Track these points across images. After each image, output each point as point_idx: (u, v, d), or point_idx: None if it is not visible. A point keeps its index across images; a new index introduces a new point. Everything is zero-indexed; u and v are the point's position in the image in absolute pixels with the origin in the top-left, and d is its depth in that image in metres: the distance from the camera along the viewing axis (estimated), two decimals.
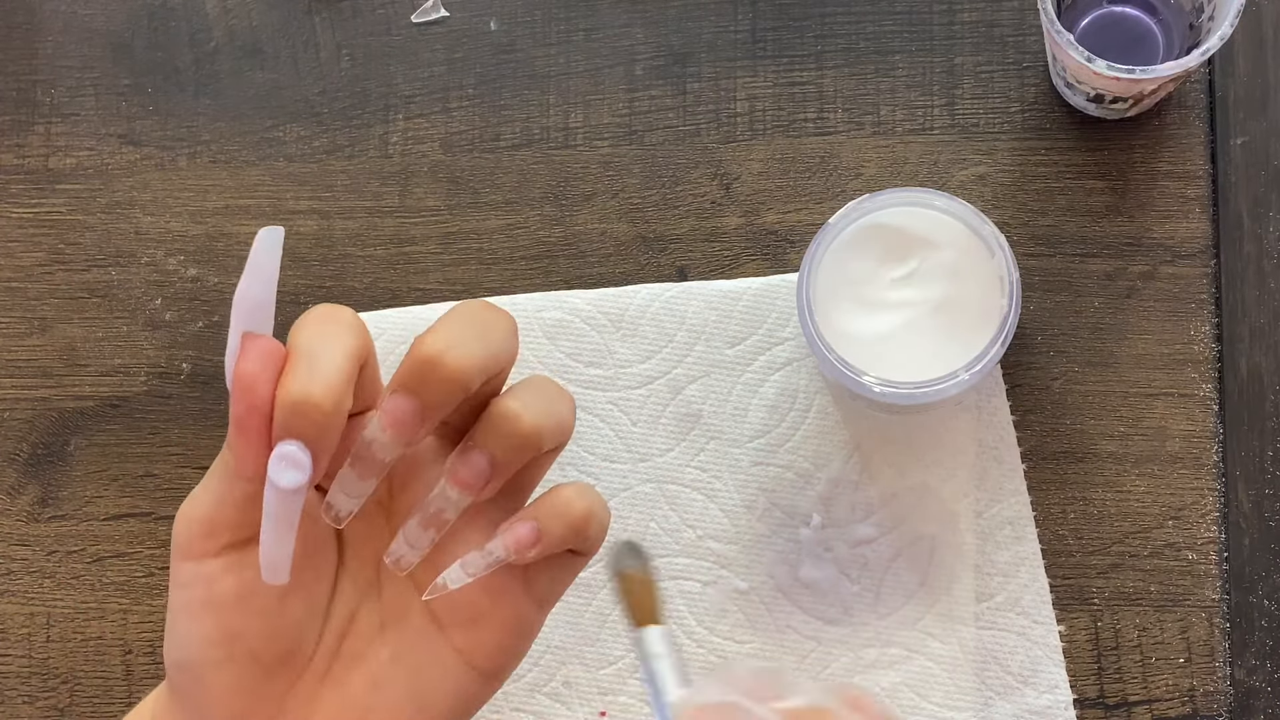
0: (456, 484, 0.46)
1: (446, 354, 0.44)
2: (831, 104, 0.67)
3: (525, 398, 0.47)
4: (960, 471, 0.64)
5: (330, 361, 0.43)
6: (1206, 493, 0.63)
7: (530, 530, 0.47)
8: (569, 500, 0.47)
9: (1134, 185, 0.65)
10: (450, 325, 0.45)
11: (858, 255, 0.59)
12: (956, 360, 0.57)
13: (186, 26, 0.70)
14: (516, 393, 0.47)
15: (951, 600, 0.63)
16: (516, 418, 0.46)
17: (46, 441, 0.69)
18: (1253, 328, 0.63)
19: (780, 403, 0.65)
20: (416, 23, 0.69)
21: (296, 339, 0.44)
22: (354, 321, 0.45)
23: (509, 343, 0.47)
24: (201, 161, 0.70)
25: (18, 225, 0.70)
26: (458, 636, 0.49)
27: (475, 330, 0.45)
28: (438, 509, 0.46)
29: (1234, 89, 0.64)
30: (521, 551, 0.47)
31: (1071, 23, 0.63)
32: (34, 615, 0.68)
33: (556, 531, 0.47)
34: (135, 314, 0.69)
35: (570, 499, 0.48)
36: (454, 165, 0.68)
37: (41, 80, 0.71)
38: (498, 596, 0.48)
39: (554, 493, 0.48)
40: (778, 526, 0.64)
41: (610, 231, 0.67)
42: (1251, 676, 0.62)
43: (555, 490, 0.48)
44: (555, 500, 0.48)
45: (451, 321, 0.45)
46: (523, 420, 0.46)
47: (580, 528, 0.48)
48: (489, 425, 0.46)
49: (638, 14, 0.68)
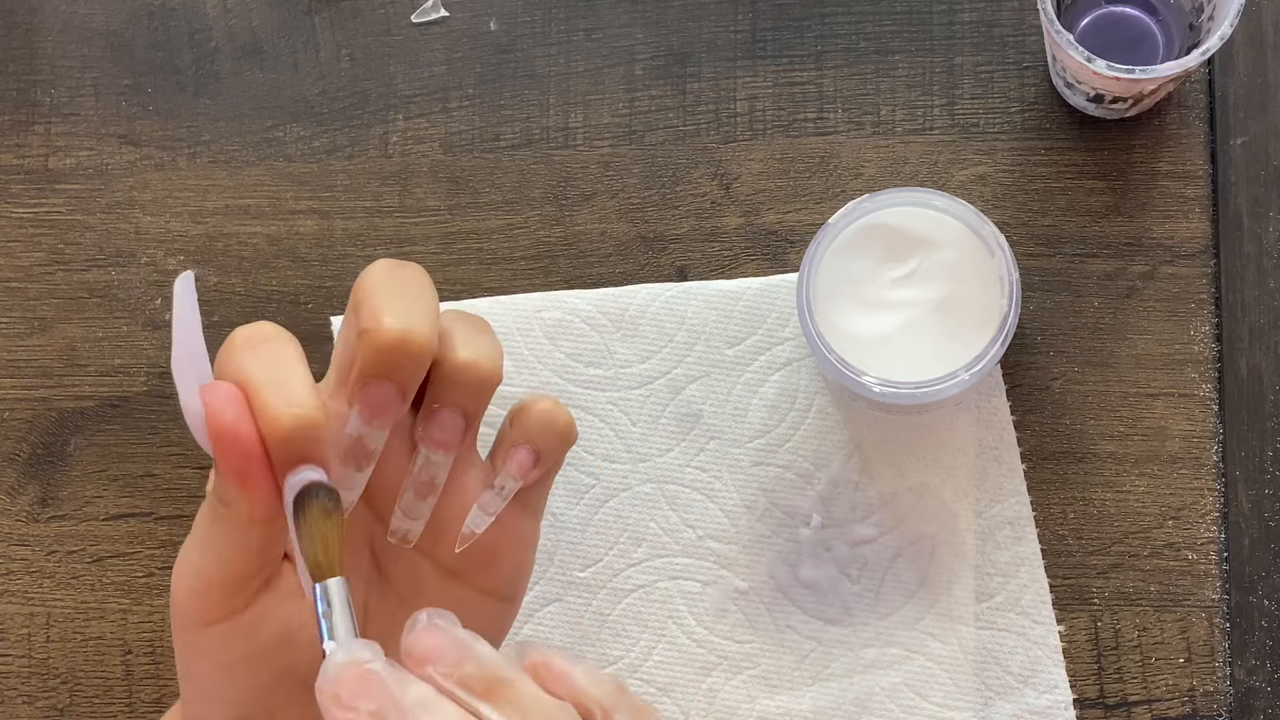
0: (438, 447, 0.47)
1: (409, 332, 0.44)
2: (831, 104, 0.67)
3: (472, 342, 0.47)
4: (960, 471, 0.64)
5: (293, 378, 0.43)
6: (1206, 493, 0.63)
7: (529, 453, 0.48)
8: (550, 413, 0.49)
9: (1134, 185, 0.65)
10: (389, 299, 0.44)
11: (858, 255, 0.59)
12: (956, 360, 0.57)
13: (186, 26, 0.70)
14: (461, 341, 0.47)
15: (951, 600, 0.63)
16: (476, 366, 0.46)
17: (46, 441, 0.69)
18: (1253, 328, 0.63)
19: (780, 403, 0.65)
20: (416, 23, 0.69)
21: (245, 370, 0.43)
22: (282, 331, 0.44)
23: (434, 290, 0.47)
24: (201, 161, 0.70)
25: (18, 225, 0.70)
26: (481, 580, 0.50)
27: (413, 295, 0.45)
28: (428, 476, 0.47)
29: (1234, 89, 0.64)
30: (528, 474, 0.49)
31: (1071, 23, 0.63)
32: (34, 615, 0.68)
33: (551, 445, 0.49)
34: (135, 314, 0.69)
35: (550, 412, 0.49)
36: (454, 165, 0.68)
37: (41, 80, 0.71)
38: (503, 528, 0.49)
39: (530, 411, 0.49)
40: (778, 526, 0.64)
41: (610, 231, 0.67)
42: (1251, 676, 0.62)
43: (528, 408, 0.49)
44: (537, 417, 0.49)
45: (386, 295, 0.45)
46: (482, 366, 0.47)
47: (569, 434, 0.49)
48: (453, 382, 0.46)
49: (638, 14, 0.68)
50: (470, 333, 0.47)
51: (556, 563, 0.65)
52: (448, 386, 0.47)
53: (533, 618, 0.65)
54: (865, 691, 0.63)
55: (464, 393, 0.47)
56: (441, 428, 0.47)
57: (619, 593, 0.65)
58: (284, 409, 0.42)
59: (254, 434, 0.42)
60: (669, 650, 0.65)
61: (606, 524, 0.65)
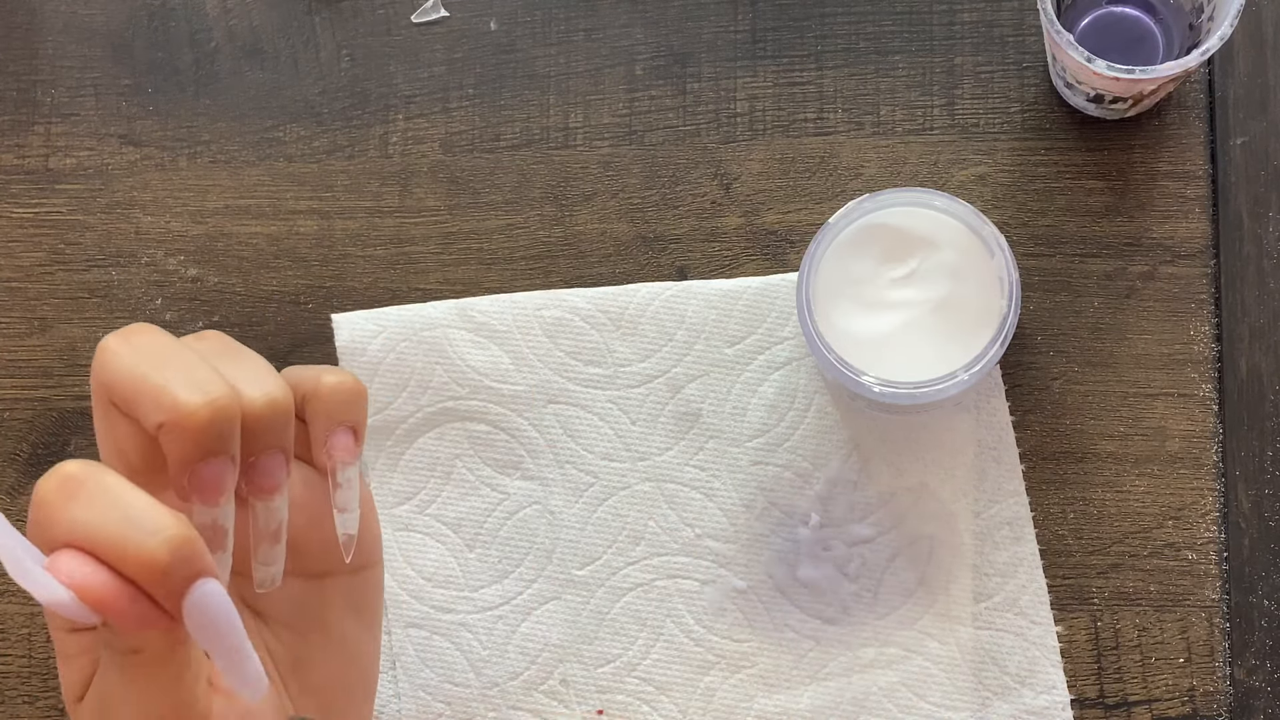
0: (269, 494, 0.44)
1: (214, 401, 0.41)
2: (831, 104, 0.67)
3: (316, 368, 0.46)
4: (959, 472, 0.64)
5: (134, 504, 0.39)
6: (1206, 493, 0.63)
7: (346, 433, 0.46)
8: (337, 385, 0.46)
9: (1134, 185, 0.65)
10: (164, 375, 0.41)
11: (858, 255, 0.59)
12: (956, 360, 0.57)
13: (186, 26, 0.70)
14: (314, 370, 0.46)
15: (949, 600, 0.63)
16: (344, 383, 0.46)
17: (46, 441, 0.69)
18: (1253, 328, 0.63)
19: (779, 402, 0.65)
20: (416, 23, 0.69)
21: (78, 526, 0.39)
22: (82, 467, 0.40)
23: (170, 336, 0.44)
24: (201, 161, 0.70)
25: (18, 225, 0.70)
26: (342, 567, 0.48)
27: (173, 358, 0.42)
28: (275, 524, 0.45)
29: (1234, 89, 0.64)
30: (356, 451, 0.47)
31: (1071, 23, 0.63)
32: (34, 615, 0.68)
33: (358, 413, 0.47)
34: (135, 314, 0.69)
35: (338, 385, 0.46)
36: (454, 165, 0.68)
37: (41, 80, 0.71)
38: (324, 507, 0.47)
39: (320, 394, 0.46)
40: (776, 526, 0.64)
41: (610, 231, 0.67)
42: (1251, 676, 0.62)
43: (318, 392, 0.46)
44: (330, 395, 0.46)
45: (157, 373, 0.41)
46: (347, 380, 0.46)
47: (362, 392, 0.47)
48: (332, 406, 0.46)
49: (638, 14, 0.68)
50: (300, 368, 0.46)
51: (555, 560, 0.65)
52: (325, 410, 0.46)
53: (530, 615, 0.65)
54: (863, 691, 0.63)
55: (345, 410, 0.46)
56: (265, 474, 0.44)
57: (617, 591, 0.65)
58: (152, 542, 0.38)
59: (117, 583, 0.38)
60: (667, 649, 0.65)
61: (605, 522, 0.65)
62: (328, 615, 0.49)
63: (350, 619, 0.50)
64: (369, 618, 0.51)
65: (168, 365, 0.42)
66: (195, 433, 0.41)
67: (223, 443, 0.41)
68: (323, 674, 0.49)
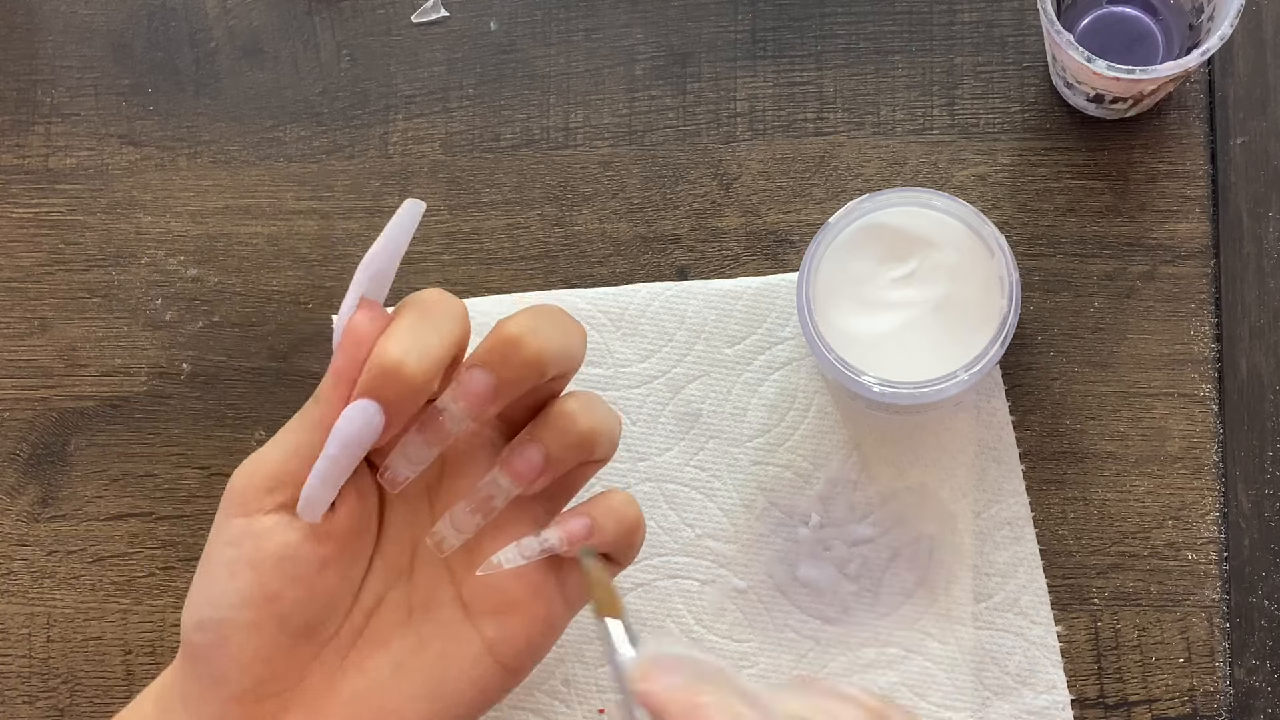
0: (510, 473, 0.48)
1: (529, 336, 0.46)
2: (831, 104, 0.67)
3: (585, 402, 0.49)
4: (959, 472, 0.64)
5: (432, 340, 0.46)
6: (1206, 493, 0.63)
7: (584, 525, 0.49)
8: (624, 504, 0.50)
9: (1134, 185, 0.65)
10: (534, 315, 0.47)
11: (858, 255, 0.59)
12: (956, 360, 0.57)
13: (186, 26, 0.70)
14: (577, 397, 0.49)
15: (950, 600, 0.63)
16: (574, 418, 0.48)
17: (46, 441, 0.69)
18: (1253, 328, 0.63)
19: (779, 402, 0.65)
20: (416, 23, 0.69)
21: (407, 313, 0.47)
22: (462, 313, 0.47)
23: (581, 347, 0.49)
24: (201, 161, 0.70)
25: (18, 225, 0.70)
26: (488, 627, 0.50)
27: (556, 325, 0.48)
28: (488, 494, 0.48)
29: (1234, 89, 0.64)
30: (574, 544, 0.49)
31: (1071, 23, 0.63)
32: (34, 615, 0.68)
33: (609, 530, 0.50)
34: (135, 314, 0.69)
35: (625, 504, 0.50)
36: (454, 165, 0.68)
37: (41, 80, 0.71)
38: (534, 590, 0.50)
39: (607, 496, 0.50)
40: (776, 526, 0.64)
41: (610, 231, 0.67)
42: (1251, 676, 0.62)
43: (608, 494, 0.50)
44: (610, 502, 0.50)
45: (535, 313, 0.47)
46: (580, 421, 0.48)
47: (631, 532, 0.50)
48: (548, 421, 0.49)
49: (638, 14, 0.68)
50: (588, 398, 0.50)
51: None
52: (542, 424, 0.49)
53: None
54: None
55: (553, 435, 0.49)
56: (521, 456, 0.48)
57: None
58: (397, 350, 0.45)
59: None
60: None
61: None
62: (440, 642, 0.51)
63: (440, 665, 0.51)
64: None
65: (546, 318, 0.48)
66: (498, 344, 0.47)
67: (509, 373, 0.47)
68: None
